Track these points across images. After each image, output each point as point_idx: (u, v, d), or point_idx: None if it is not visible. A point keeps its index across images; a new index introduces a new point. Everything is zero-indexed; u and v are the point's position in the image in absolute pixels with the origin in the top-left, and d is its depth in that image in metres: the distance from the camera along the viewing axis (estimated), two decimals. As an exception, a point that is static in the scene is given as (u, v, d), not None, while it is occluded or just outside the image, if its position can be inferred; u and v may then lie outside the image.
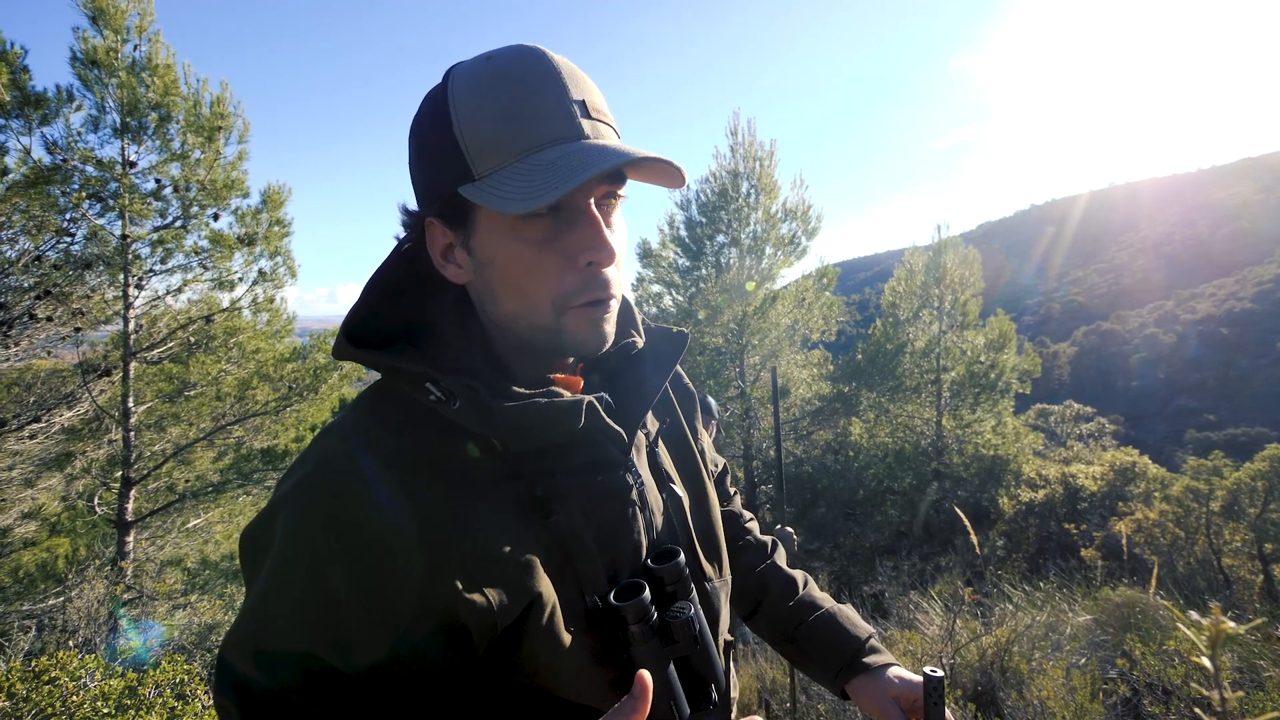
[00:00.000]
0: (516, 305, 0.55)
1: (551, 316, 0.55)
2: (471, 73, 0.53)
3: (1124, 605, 3.56)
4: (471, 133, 0.52)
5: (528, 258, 0.53)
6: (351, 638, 0.47)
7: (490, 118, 0.51)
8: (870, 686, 0.75)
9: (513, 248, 0.53)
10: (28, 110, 4.50)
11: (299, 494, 0.51)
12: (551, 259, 0.53)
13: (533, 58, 0.52)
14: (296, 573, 0.48)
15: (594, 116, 0.53)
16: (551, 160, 0.50)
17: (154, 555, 5.78)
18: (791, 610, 0.84)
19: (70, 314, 4.88)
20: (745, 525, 0.92)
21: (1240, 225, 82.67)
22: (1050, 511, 8.78)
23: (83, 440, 5.40)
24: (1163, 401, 47.34)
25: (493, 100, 0.51)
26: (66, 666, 1.46)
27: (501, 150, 0.51)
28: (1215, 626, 0.33)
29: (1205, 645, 0.34)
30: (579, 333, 0.55)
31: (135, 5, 4.94)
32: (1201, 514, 7.21)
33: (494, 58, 0.53)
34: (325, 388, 6.11)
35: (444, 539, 0.50)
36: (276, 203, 5.67)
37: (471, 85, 0.52)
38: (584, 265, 0.54)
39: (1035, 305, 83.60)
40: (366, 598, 0.47)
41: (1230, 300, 58.92)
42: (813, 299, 10.04)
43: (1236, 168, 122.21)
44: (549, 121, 0.51)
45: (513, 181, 0.50)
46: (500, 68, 0.52)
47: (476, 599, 0.48)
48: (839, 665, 0.78)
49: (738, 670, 3.59)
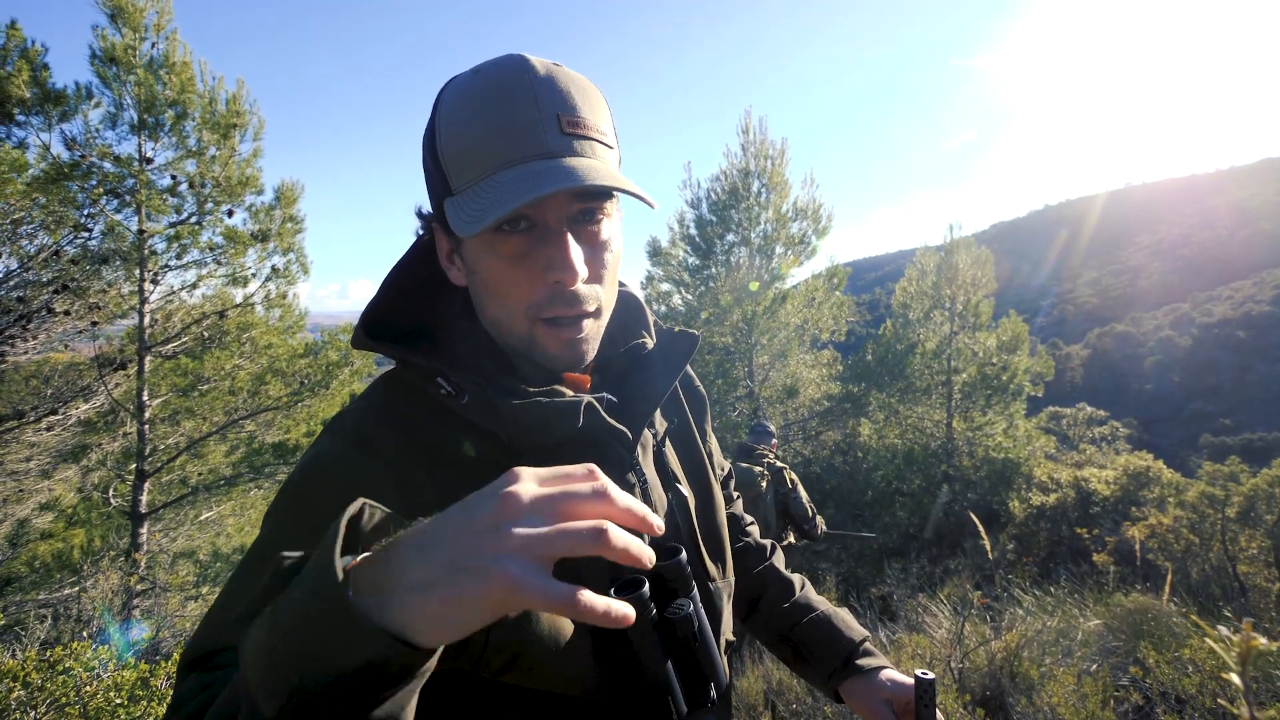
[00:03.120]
0: (497, 312, 0.58)
1: (525, 326, 0.56)
2: (457, 88, 0.55)
3: (1136, 612, 3.51)
4: (449, 149, 0.54)
5: (500, 271, 0.55)
6: None
7: (463, 135, 0.53)
8: (862, 689, 0.75)
9: (489, 260, 0.55)
10: (48, 107, 4.57)
11: (306, 479, 0.53)
12: (523, 274, 0.54)
13: (514, 71, 0.52)
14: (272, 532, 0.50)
15: (569, 131, 0.52)
16: (509, 180, 0.50)
17: (167, 547, 5.86)
18: (787, 611, 0.84)
19: (87, 308, 4.95)
20: (746, 528, 0.92)
21: (1260, 227, 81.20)
22: (1062, 516, 8.68)
23: (98, 433, 5.48)
24: (1178, 405, 46.66)
25: (469, 117, 0.53)
26: (80, 657, 1.49)
27: (471, 167, 0.52)
28: (1246, 643, 0.32)
29: (1235, 662, 0.33)
30: (548, 348, 0.57)
31: (153, 4, 5.00)
32: (1217, 520, 7.10)
33: (480, 71, 0.54)
34: (336, 383, 6.16)
35: None
36: (290, 199, 5.72)
37: (454, 101, 0.54)
38: (551, 282, 0.54)
39: (1048, 307, 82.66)
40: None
41: (1248, 303, 57.93)
42: (822, 299, 9.98)
43: (1257, 168, 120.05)
44: (515, 139, 0.51)
45: (475, 200, 0.51)
46: (480, 83, 0.53)
47: None
48: (832, 667, 0.78)
49: (741, 672, 3.56)
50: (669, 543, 0.63)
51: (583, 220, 0.56)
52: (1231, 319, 55.97)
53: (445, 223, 0.57)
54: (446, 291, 0.63)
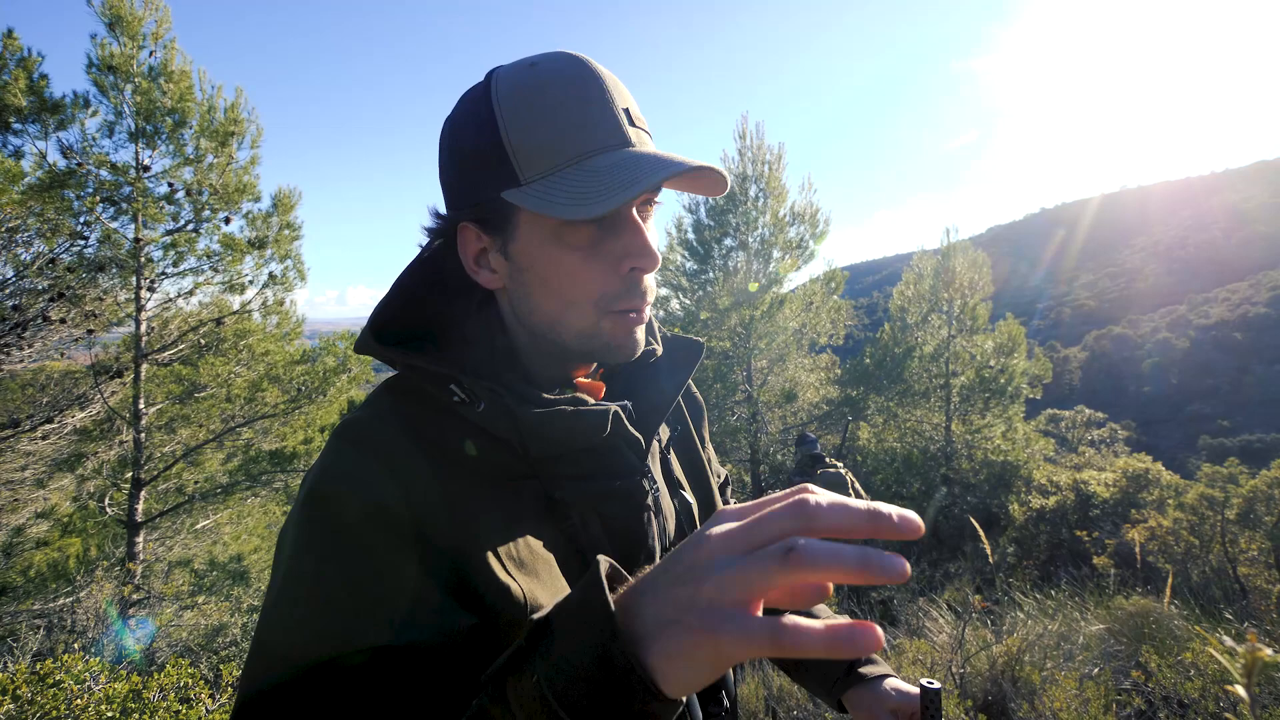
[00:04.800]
0: (555, 309, 0.55)
1: (594, 319, 0.55)
2: (517, 77, 0.53)
3: (1137, 615, 3.50)
4: (520, 137, 0.51)
5: (571, 263, 0.53)
6: (369, 627, 0.46)
7: (539, 123, 0.51)
8: (866, 698, 0.74)
9: (555, 253, 0.53)
10: (44, 115, 4.57)
11: (319, 489, 0.51)
12: (597, 264, 0.54)
13: (579, 65, 0.53)
14: (321, 563, 0.48)
15: (637, 124, 0.54)
16: (603, 167, 0.50)
17: (163, 556, 5.82)
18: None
19: (83, 316, 4.94)
20: None
21: (1255, 229, 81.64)
22: (1062, 518, 8.66)
23: (94, 441, 5.45)
24: (1176, 407, 46.72)
25: (542, 105, 0.51)
26: (71, 669, 1.46)
27: (553, 155, 0.51)
28: (1252, 654, 0.32)
29: (1241, 673, 0.33)
30: (615, 338, 0.56)
31: (152, 12, 5.01)
32: (1216, 522, 7.09)
33: (538, 64, 0.54)
34: (334, 390, 6.14)
35: (471, 533, 0.50)
36: (287, 206, 5.72)
37: (519, 90, 0.52)
38: (627, 271, 0.54)
39: (1045, 309, 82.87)
40: (395, 582, 0.47)
41: (1244, 305, 58.13)
42: (820, 302, 10.00)
43: (1251, 170, 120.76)
44: (599, 129, 0.52)
45: (563, 187, 0.50)
46: (547, 74, 0.53)
47: (512, 586, 0.49)
48: (835, 676, 0.77)
49: (742, 681, 3.54)
50: None
51: (644, 209, 0.56)
52: (1228, 321, 56.15)
53: (488, 218, 0.55)
54: (459, 296, 0.62)
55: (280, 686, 0.44)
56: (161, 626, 3.71)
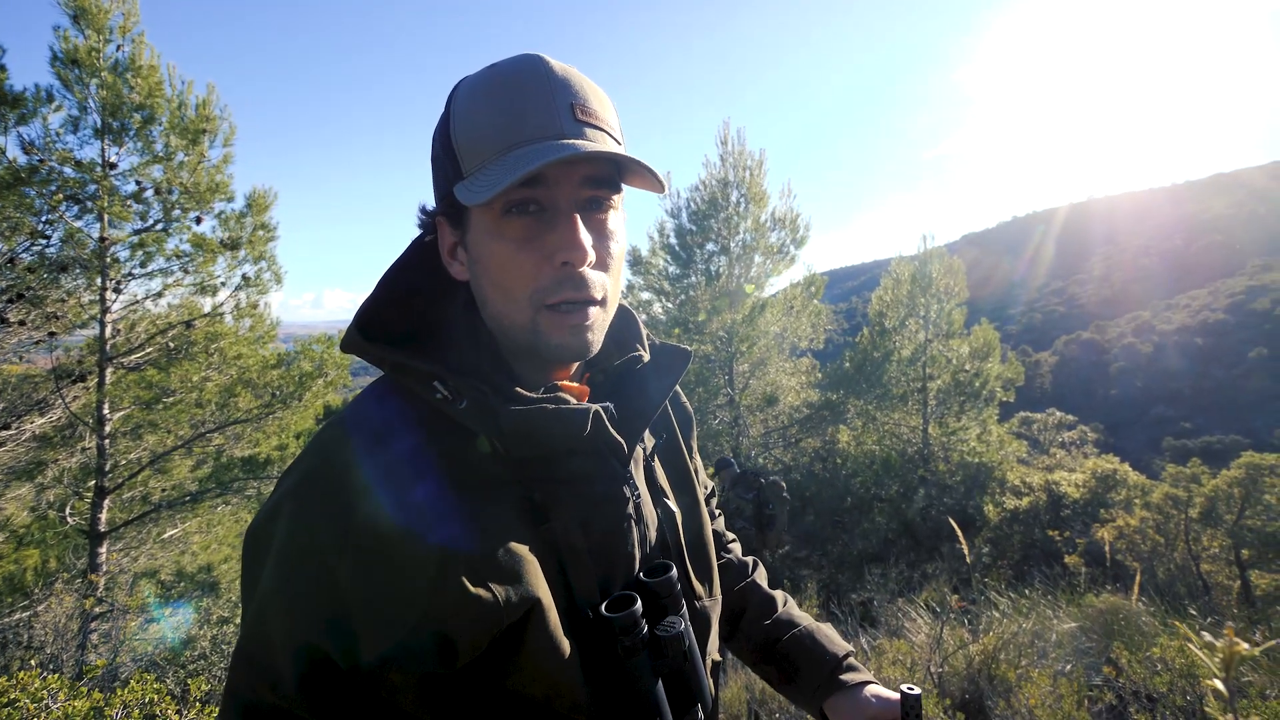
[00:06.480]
0: (500, 303, 0.56)
1: (529, 314, 0.55)
2: (474, 78, 0.56)
3: (1108, 612, 3.59)
4: (463, 134, 0.54)
5: (506, 255, 0.54)
6: (361, 632, 0.46)
7: (478, 120, 0.54)
8: (847, 705, 0.74)
9: (494, 245, 0.55)
10: (4, 110, 4.40)
11: (303, 488, 0.51)
12: (528, 257, 0.54)
13: (530, 64, 0.54)
14: (301, 569, 0.48)
15: (582, 119, 0.54)
16: (521, 155, 0.51)
17: (128, 567, 5.61)
18: (768, 628, 0.83)
19: (44, 318, 4.75)
20: (728, 545, 0.91)
21: (1214, 239, 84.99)
22: (1035, 518, 8.87)
23: (55, 448, 5.24)
24: (1141, 409, 48.25)
25: (484, 103, 0.54)
26: (28, 687, 1.39)
27: (484, 151, 0.53)
28: (1229, 648, 0.32)
29: (1219, 668, 0.33)
30: (553, 336, 0.55)
31: (119, 6, 4.86)
32: (1180, 520, 7.33)
33: (496, 66, 0.56)
34: (309, 395, 6.00)
35: (450, 534, 0.50)
36: (262, 206, 5.58)
37: (470, 91, 0.55)
38: (559, 264, 0.54)
39: (1018, 315, 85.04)
40: (375, 590, 0.47)
41: (1204, 311, 60.42)
42: (801, 307, 10.11)
43: (1208, 182, 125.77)
44: (528, 121, 0.52)
45: (486, 176, 0.52)
46: (498, 72, 0.55)
47: (483, 594, 0.48)
48: (815, 683, 0.77)
49: (724, 685, 3.54)
50: (659, 559, 0.63)
51: (591, 208, 0.56)
52: (1189, 326, 58.28)
53: (451, 213, 0.57)
54: (445, 293, 0.62)
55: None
56: (125, 640, 3.57)
